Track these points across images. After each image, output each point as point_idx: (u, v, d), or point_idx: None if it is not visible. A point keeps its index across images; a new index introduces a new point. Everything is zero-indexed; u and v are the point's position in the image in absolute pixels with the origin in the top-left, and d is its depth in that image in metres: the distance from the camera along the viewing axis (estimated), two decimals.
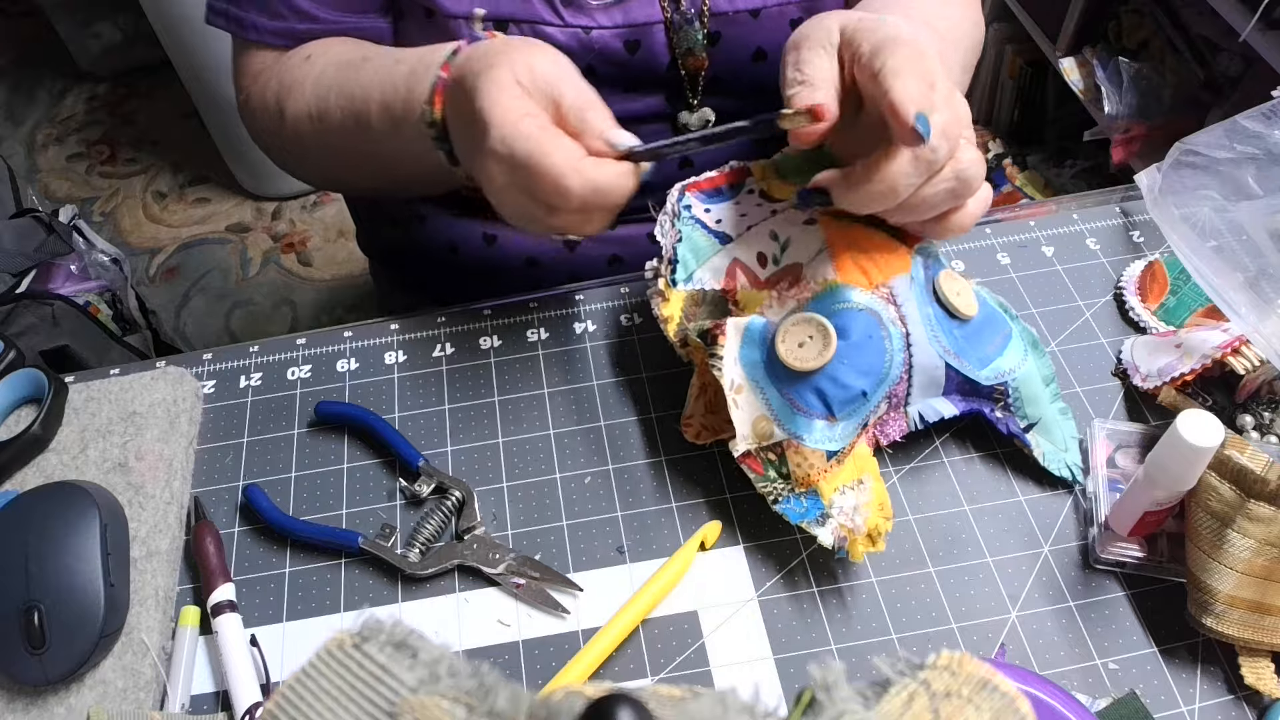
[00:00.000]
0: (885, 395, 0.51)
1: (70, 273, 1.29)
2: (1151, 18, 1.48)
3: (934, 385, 0.53)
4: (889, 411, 0.53)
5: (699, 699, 0.28)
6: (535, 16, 0.63)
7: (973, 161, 0.49)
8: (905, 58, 0.47)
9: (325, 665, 0.29)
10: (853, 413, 0.51)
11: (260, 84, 0.68)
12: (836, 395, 0.50)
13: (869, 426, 0.53)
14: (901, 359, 0.51)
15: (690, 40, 0.65)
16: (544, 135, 0.49)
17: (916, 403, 0.53)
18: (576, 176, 0.48)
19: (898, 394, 0.52)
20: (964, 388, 0.54)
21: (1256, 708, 0.48)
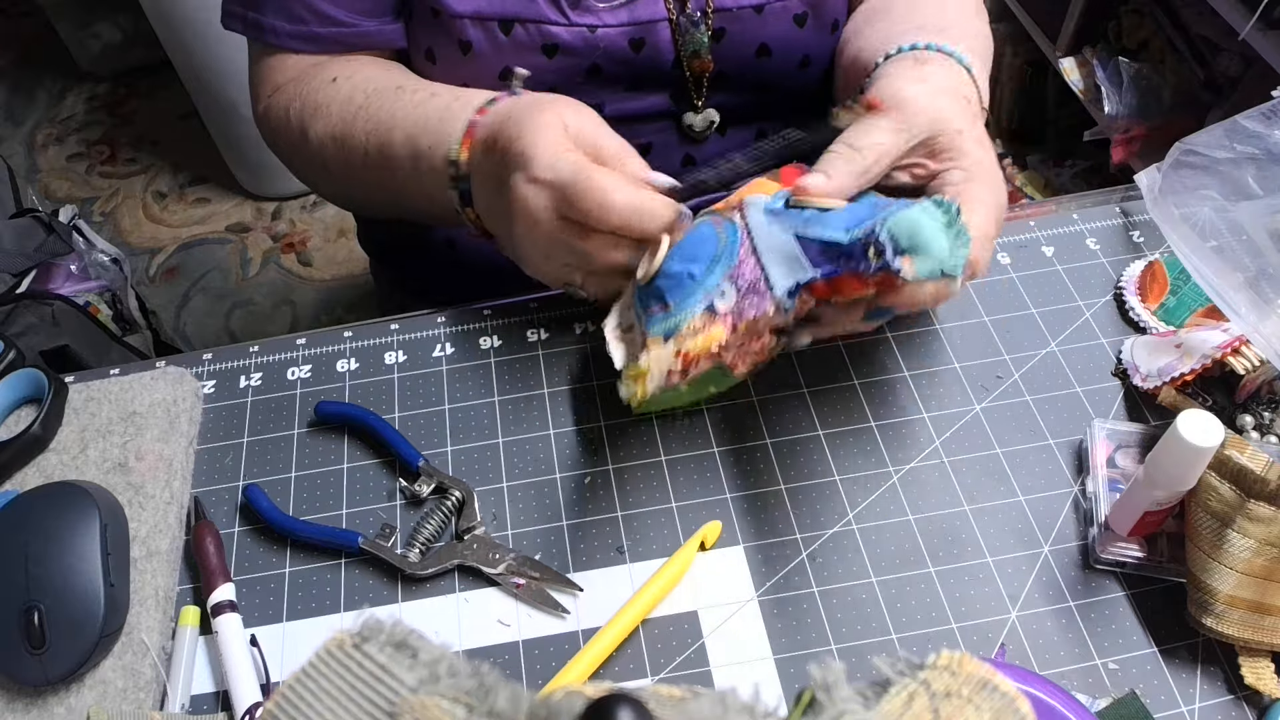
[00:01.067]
0: (727, 276, 0.49)
1: (70, 273, 1.29)
2: (1151, 18, 1.48)
3: (792, 261, 0.49)
4: (744, 297, 0.49)
5: (699, 699, 0.28)
6: (541, 16, 0.63)
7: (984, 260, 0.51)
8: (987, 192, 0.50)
9: (325, 665, 0.29)
10: (686, 296, 0.50)
11: (282, 99, 0.68)
12: (668, 285, 0.51)
13: (719, 312, 0.49)
14: (737, 241, 0.50)
15: (696, 43, 0.65)
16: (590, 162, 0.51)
17: (779, 282, 0.49)
18: (621, 192, 0.50)
19: (743, 276, 0.49)
20: (828, 253, 0.48)
21: (1256, 708, 0.48)
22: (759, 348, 0.50)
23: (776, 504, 0.56)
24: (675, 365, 0.49)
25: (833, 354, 0.62)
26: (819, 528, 0.55)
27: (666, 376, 0.49)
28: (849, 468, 0.57)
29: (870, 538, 0.54)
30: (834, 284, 0.48)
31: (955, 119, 0.52)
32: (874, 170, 0.50)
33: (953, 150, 0.51)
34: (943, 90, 0.53)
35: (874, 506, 0.55)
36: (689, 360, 0.49)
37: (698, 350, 0.48)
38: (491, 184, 0.55)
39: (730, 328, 0.49)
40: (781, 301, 0.48)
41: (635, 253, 0.53)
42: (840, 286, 0.48)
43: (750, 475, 0.57)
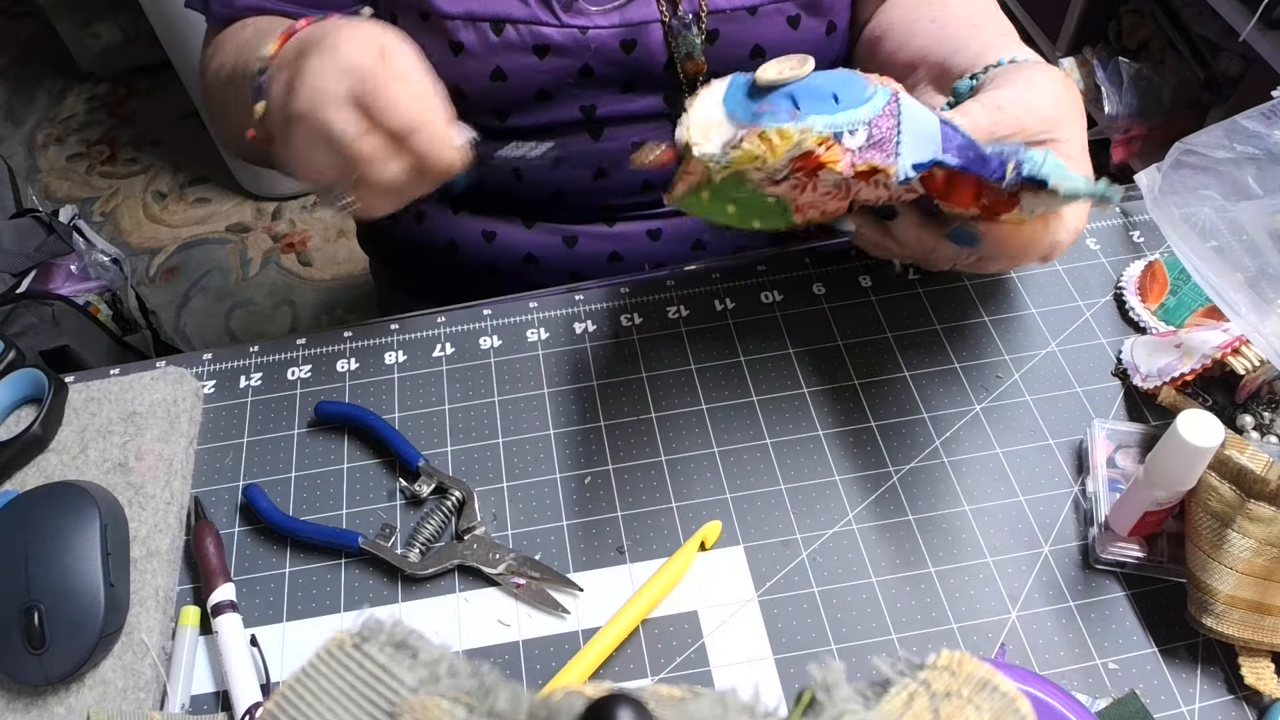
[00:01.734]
0: (865, 123, 0.45)
1: (70, 273, 1.29)
2: (1151, 18, 1.48)
3: (928, 140, 0.46)
4: (870, 147, 0.45)
5: (699, 699, 0.28)
6: (532, 17, 0.63)
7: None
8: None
9: (325, 665, 0.29)
10: (821, 110, 0.45)
11: (203, 52, 0.70)
12: (804, 93, 0.45)
13: (844, 145, 0.45)
14: (886, 98, 0.46)
15: (689, 45, 0.65)
16: (406, 45, 0.49)
17: (907, 154, 0.46)
18: (420, 100, 0.47)
19: (879, 127, 0.45)
20: (964, 150, 0.46)
21: (1256, 708, 0.48)
22: (834, 208, 0.48)
23: (776, 504, 0.56)
24: (765, 151, 0.43)
25: (833, 354, 0.62)
26: (819, 528, 0.55)
27: (751, 163, 0.44)
28: (849, 468, 0.57)
29: (870, 538, 0.54)
30: (954, 180, 0.47)
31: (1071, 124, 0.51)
32: (1001, 133, 0.49)
33: (1066, 143, 0.50)
34: (1067, 99, 0.52)
35: (874, 506, 0.55)
36: (809, 162, 0.44)
37: (809, 147, 0.44)
38: (289, 69, 0.51)
39: (849, 165, 0.44)
40: (903, 170, 0.45)
41: (408, 174, 0.49)
42: (957, 186, 0.47)
43: (750, 475, 0.57)
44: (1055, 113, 0.50)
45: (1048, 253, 0.51)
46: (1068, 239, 0.51)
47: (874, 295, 0.65)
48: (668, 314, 0.65)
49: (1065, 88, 0.53)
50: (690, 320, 0.65)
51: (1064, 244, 0.51)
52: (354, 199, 0.50)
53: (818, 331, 0.63)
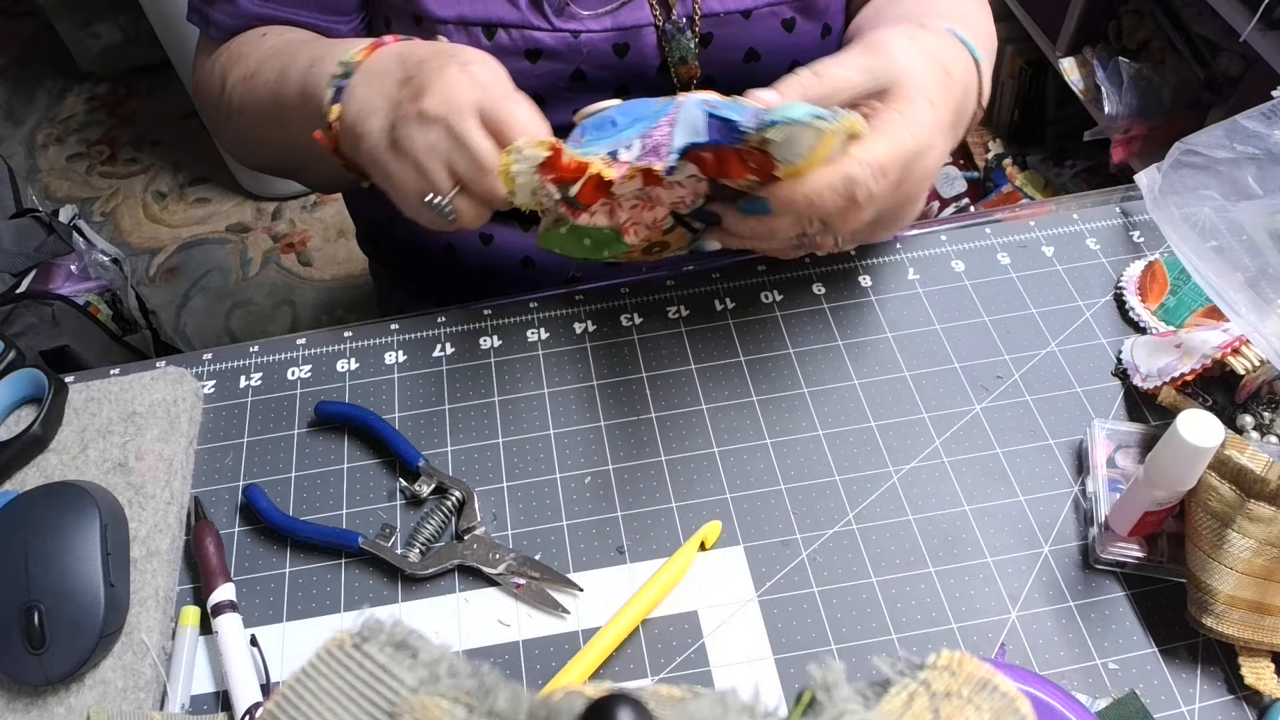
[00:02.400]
0: (640, 135, 0.49)
1: (70, 273, 1.29)
2: (1151, 18, 1.48)
3: (693, 133, 0.49)
4: (645, 155, 0.49)
5: (699, 699, 0.28)
6: (524, 22, 0.63)
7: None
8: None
9: (325, 665, 0.29)
10: (600, 136, 0.50)
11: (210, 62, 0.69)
12: (589, 124, 0.52)
13: (619, 159, 0.49)
14: (665, 112, 0.50)
15: (683, 49, 0.65)
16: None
17: (675, 144, 0.49)
18: (532, 106, 0.51)
19: (652, 138, 0.49)
20: (723, 130, 0.49)
21: (1256, 708, 0.48)
22: (651, 220, 0.53)
23: (776, 504, 0.56)
24: (546, 181, 0.49)
25: (832, 354, 0.62)
26: (819, 528, 0.55)
27: (542, 190, 0.49)
28: (849, 468, 0.57)
29: (870, 538, 0.54)
30: (719, 157, 0.49)
31: (923, 80, 0.51)
32: (826, 100, 0.49)
33: (902, 101, 0.50)
34: (927, 53, 0.52)
35: (874, 506, 0.55)
36: (561, 172, 0.49)
37: (569, 167, 0.48)
38: (392, 77, 0.53)
39: (620, 175, 0.49)
40: (668, 160, 0.48)
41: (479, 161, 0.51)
42: (725, 161, 0.50)
43: (750, 475, 0.57)
44: (906, 66, 0.50)
45: (849, 194, 0.48)
46: (862, 173, 0.48)
47: (874, 295, 0.65)
48: (668, 314, 0.65)
49: (946, 51, 0.53)
50: (690, 320, 0.65)
51: (861, 180, 0.48)
52: (454, 208, 0.52)
53: (817, 331, 0.63)
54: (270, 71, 0.62)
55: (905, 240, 0.68)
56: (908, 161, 0.49)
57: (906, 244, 0.68)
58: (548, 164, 0.49)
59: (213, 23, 0.68)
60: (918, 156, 0.50)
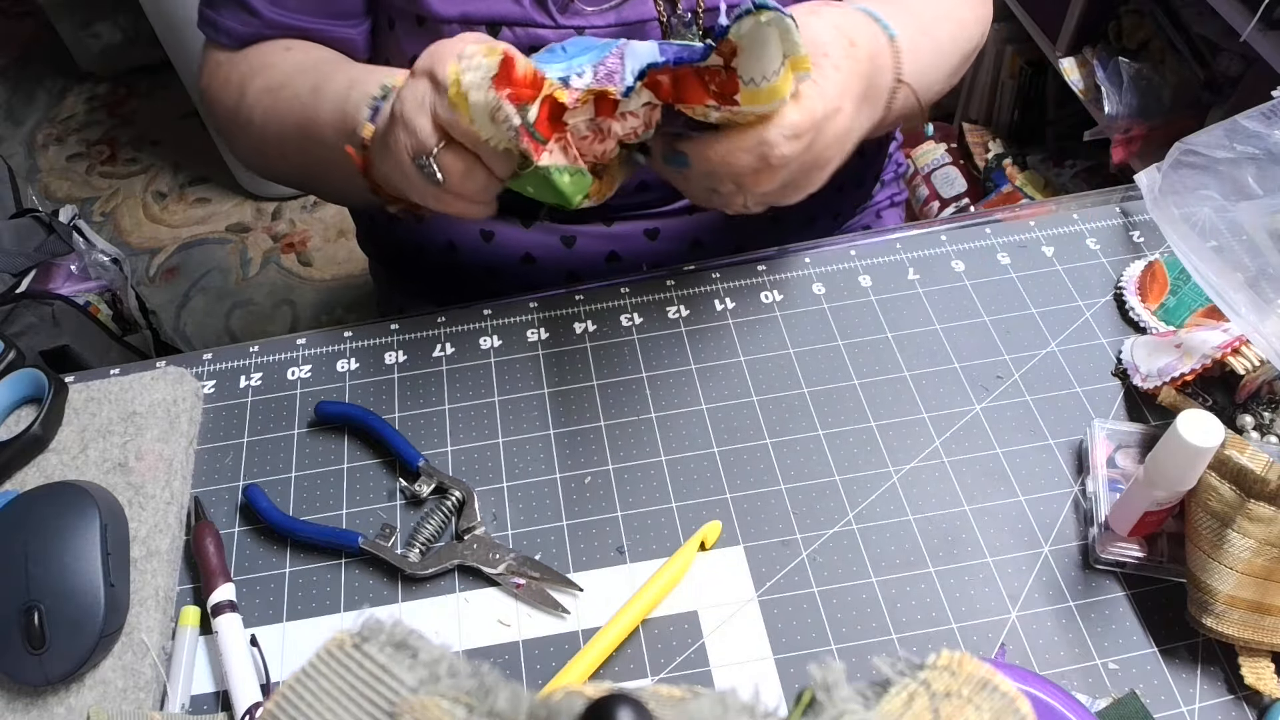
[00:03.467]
0: (591, 64, 0.50)
1: (70, 273, 1.29)
2: (1151, 18, 1.48)
3: (649, 57, 0.49)
4: (598, 81, 0.49)
5: (699, 699, 0.28)
6: (528, 19, 0.63)
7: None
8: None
9: (325, 665, 0.29)
10: (550, 63, 0.50)
11: (224, 70, 0.69)
12: (540, 57, 0.51)
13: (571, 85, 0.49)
14: (612, 47, 0.51)
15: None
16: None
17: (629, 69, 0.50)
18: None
19: (605, 66, 0.50)
20: (678, 53, 0.49)
21: (1256, 708, 0.48)
22: (601, 151, 0.52)
23: (776, 504, 0.56)
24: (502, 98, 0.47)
25: (833, 354, 0.62)
26: (819, 528, 0.55)
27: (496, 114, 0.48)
28: (849, 468, 0.57)
29: (870, 538, 0.54)
30: (678, 79, 0.49)
31: (828, 48, 0.52)
32: None
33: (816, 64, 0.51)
34: (828, 24, 0.53)
35: (874, 506, 0.55)
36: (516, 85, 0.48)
37: (525, 80, 0.48)
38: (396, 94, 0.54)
39: (573, 99, 0.49)
40: (628, 82, 0.49)
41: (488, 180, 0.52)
42: (684, 84, 0.49)
43: (750, 475, 0.57)
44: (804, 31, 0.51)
45: (762, 156, 0.50)
46: (775, 136, 0.49)
47: (874, 295, 0.65)
48: (668, 314, 0.65)
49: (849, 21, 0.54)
50: (690, 320, 0.65)
51: (774, 142, 0.49)
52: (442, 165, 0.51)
53: (818, 331, 0.63)
54: (301, 87, 0.62)
55: (905, 240, 0.68)
56: (817, 124, 0.51)
57: (906, 244, 0.68)
58: (502, 75, 0.47)
59: (222, 30, 0.68)
60: (826, 119, 0.51)
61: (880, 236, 0.69)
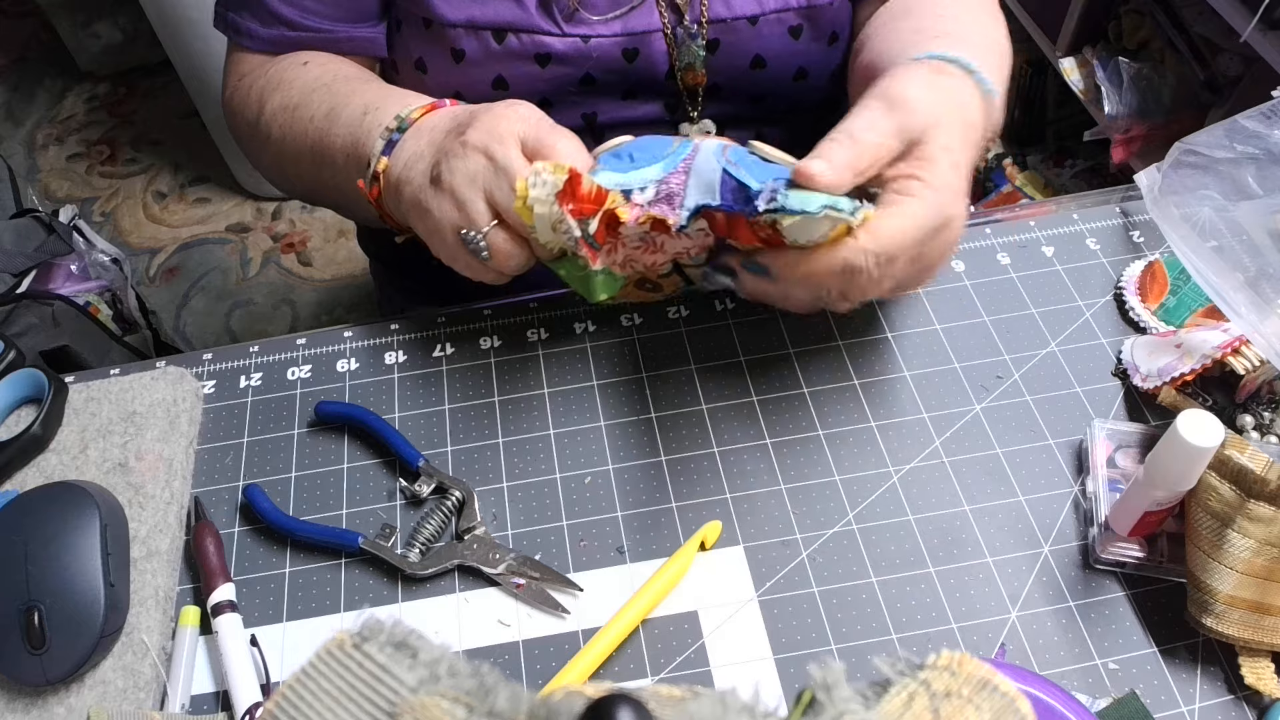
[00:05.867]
0: (655, 181, 0.50)
1: (70, 273, 1.29)
2: (1152, 18, 1.48)
3: (708, 189, 0.49)
4: (659, 201, 0.50)
5: (699, 699, 0.28)
6: (534, 26, 0.63)
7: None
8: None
9: (325, 665, 0.29)
10: (615, 172, 0.51)
11: (247, 82, 0.68)
12: (606, 159, 0.52)
13: (633, 200, 0.50)
14: (682, 155, 0.51)
15: (691, 56, 0.65)
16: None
17: (688, 201, 0.50)
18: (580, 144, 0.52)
19: (668, 184, 0.50)
20: (738, 193, 0.49)
21: (1256, 708, 0.48)
22: (651, 263, 0.54)
23: (776, 504, 0.56)
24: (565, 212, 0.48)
25: (833, 354, 0.62)
26: (819, 528, 0.55)
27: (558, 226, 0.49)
28: (849, 468, 0.57)
29: (870, 538, 0.54)
30: (731, 222, 0.50)
31: (949, 139, 0.49)
32: (869, 169, 0.48)
33: (925, 160, 0.48)
34: (950, 105, 0.50)
35: (874, 506, 0.55)
36: (580, 201, 0.49)
37: (589, 196, 0.49)
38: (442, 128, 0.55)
39: (634, 218, 0.49)
40: (681, 217, 0.49)
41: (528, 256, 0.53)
42: (735, 226, 0.50)
43: (750, 475, 0.57)
44: (932, 121, 0.49)
45: (849, 279, 0.48)
46: (862, 261, 0.47)
47: None
48: (667, 314, 0.65)
49: (964, 96, 0.51)
50: (690, 320, 0.65)
51: (861, 267, 0.47)
52: (489, 243, 0.53)
53: (817, 331, 0.63)
54: (316, 107, 0.62)
55: None
56: (921, 240, 0.48)
57: None
58: (566, 191, 0.48)
59: (245, 32, 0.67)
60: (939, 230, 0.48)
61: None
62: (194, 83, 1.73)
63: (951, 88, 0.52)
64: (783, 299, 0.52)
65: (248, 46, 0.68)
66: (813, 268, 0.48)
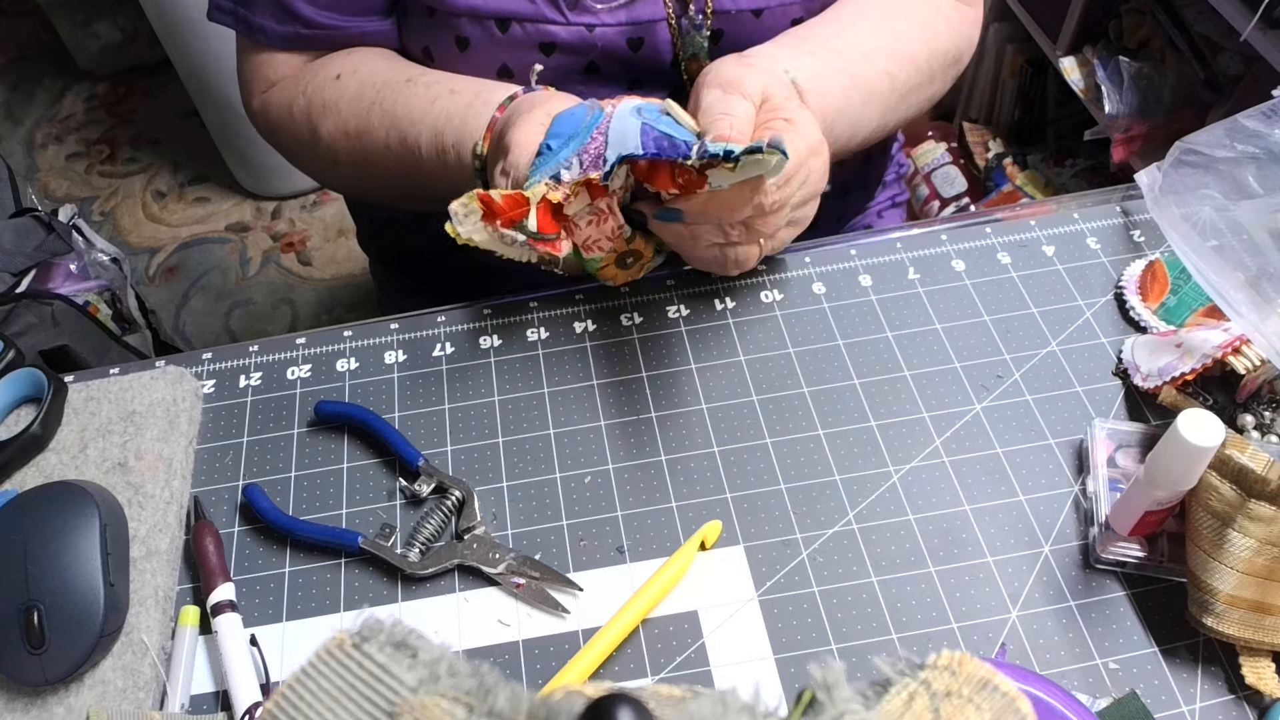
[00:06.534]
0: (577, 153, 0.54)
1: (70, 272, 1.29)
2: (1152, 17, 1.48)
3: (627, 143, 0.54)
4: (585, 171, 0.54)
5: (699, 699, 0.28)
6: (539, 15, 0.63)
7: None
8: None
9: (325, 665, 0.29)
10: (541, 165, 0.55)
11: (282, 95, 0.68)
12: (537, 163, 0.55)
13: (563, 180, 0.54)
14: (596, 123, 0.55)
15: (695, 46, 0.65)
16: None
17: (610, 156, 0.54)
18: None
19: (589, 152, 0.54)
20: (661, 144, 0.54)
21: (1257, 707, 0.48)
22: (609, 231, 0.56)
23: (776, 504, 0.56)
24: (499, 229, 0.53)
25: (832, 353, 0.62)
26: (819, 528, 0.55)
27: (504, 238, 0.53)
28: (849, 468, 0.57)
29: (870, 538, 0.54)
30: (653, 169, 0.54)
31: (779, 88, 0.57)
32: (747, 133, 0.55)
33: (779, 108, 0.56)
34: (762, 70, 0.58)
35: (874, 506, 0.55)
36: (502, 214, 0.52)
37: (510, 204, 0.52)
38: (492, 170, 0.59)
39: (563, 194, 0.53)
40: (606, 169, 0.53)
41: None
42: (656, 171, 0.54)
43: (750, 475, 0.57)
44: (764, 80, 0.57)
45: (757, 204, 0.54)
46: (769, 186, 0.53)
47: (874, 295, 0.65)
48: (668, 314, 0.65)
49: (746, 66, 0.58)
50: (690, 320, 0.65)
51: (766, 189, 0.53)
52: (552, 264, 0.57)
53: (818, 331, 0.63)
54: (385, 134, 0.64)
55: (905, 240, 0.68)
56: (804, 163, 0.55)
57: (906, 243, 0.68)
58: (487, 213, 0.52)
59: (258, 28, 0.67)
60: (811, 156, 0.56)
61: (880, 236, 0.69)
62: (193, 82, 1.73)
63: (761, 62, 0.59)
64: (690, 242, 0.58)
65: (261, 43, 0.68)
66: (725, 201, 0.54)
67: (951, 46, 0.71)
